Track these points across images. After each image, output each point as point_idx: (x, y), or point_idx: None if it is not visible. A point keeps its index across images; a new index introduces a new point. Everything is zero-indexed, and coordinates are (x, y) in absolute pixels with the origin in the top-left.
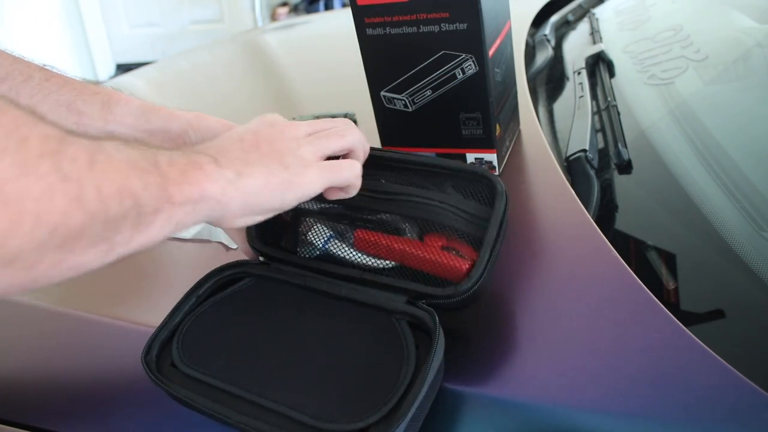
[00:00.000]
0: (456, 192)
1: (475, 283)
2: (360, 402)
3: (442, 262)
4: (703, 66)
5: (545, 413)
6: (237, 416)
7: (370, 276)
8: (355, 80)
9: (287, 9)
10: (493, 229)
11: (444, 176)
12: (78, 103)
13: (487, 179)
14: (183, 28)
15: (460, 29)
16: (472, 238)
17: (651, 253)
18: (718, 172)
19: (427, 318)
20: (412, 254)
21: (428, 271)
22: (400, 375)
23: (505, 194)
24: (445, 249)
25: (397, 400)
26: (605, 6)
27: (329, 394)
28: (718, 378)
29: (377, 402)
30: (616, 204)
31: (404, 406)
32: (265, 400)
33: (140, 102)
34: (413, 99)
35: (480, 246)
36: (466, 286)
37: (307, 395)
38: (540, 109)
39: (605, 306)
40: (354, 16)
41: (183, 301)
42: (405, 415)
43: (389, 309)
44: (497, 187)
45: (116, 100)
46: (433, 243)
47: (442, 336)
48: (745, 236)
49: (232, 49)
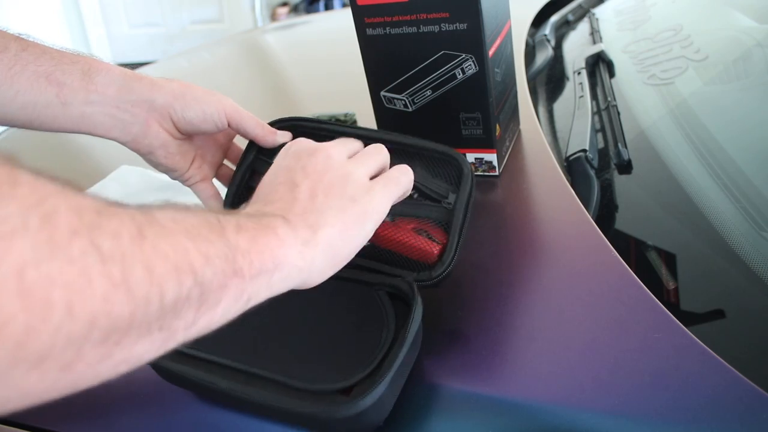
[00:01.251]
0: (425, 171)
1: (447, 266)
2: (343, 365)
3: (414, 246)
4: (703, 66)
5: (545, 413)
6: (224, 382)
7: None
8: (355, 80)
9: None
10: (459, 213)
11: (414, 155)
12: (57, 73)
13: (455, 160)
14: (183, 28)
15: (460, 29)
16: (441, 221)
17: (651, 253)
18: (718, 172)
19: (405, 287)
20: (385, 236)
21: (401, 251)
22: (380, 339)
23: (471, 176)
24: (416, 231)
25: (378, 361)
26: (605, 6)
27: (314, 359)
28: (717, 378)
29: (360, 364)
30: (616, 204)
31: (385, 365)
32: (252, 368)
33: (121, 70)
34: (413, 99)
35: (449, 228)
36: (439, 271)
37: (293, 362)
38: (540, 109)
39: (605, 306)
40: (354, 16)
41: None
42: (386, 373)
43: (368, 281)
44: (464, 169)
45: (96, 69)
46: (404, 225)
47: (420, 301)
48: (745, 236)
49: (232, 49)
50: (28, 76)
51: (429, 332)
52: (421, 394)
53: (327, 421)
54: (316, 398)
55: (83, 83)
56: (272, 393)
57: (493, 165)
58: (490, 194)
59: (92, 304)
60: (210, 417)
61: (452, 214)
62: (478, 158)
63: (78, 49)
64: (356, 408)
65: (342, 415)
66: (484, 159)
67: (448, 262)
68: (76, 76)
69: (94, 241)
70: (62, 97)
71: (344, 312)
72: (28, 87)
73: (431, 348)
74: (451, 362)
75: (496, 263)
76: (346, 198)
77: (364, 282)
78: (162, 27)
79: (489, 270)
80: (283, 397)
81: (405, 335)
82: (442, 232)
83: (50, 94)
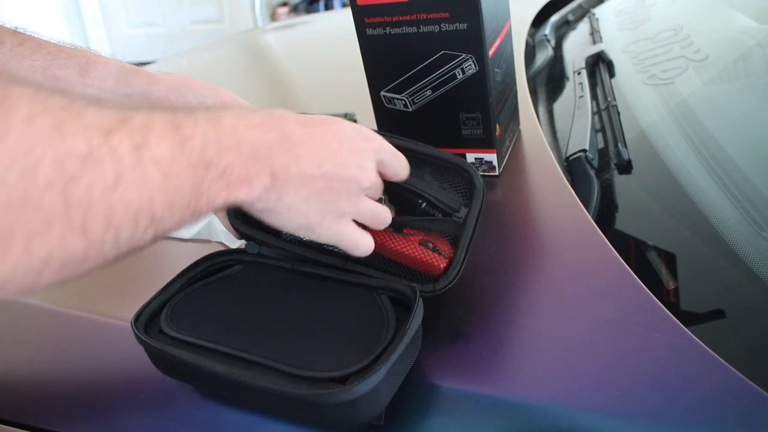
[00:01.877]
0: (434, 180)
1: (451, 280)
2: (342, 356)
3: (421, 259)
4: (703, 66)
5: (545, 413)
6: (221, 366)
7: (351, 266)
8: (355, 80)
9: (287, 9)
10: (469, 228)
11: (424, 163)
12: (53, 68)
13: (467, 172)
14: (183, 28)
15: (460, 29)
16: (449, 234)
17: (651, 253)
18: (718, 172)
19: (408, 292)
20: (391, 248)
21: (406, 263)
22: (380, 337)
23: (483, 190)
24: (422, 244)
25: (377, 354)
26: (605, 6)
27: (313, 350)
28: (717, 378)
29: (358, 357)
30: (616, 204)
31: (383, 357)
32: (251, 355)
33: (118, 63)
34: (413, 99)
35: (456, 242)
36: (442, 284)
37: (292, 352)
38: (540, 109)
39: (605, 306)
40: (354, 16)
41: (175, 280)
42: (383, 364)
43: (371, 285)
44: (476, 182)
45: (93, 63)
46: (411, 237)
47: (421, 303)
48: (745, 236)
49: (232, 49)
50: (24, 71)
51: (429, 332)
52: (420, 394)
53: (321, 406)
54: (312, 383)
55: (80, 77)
56: (269, 378)
57: (493, 165)
58: (490, 194)
59: (48, 244)
60: (210, 415)
61: (462, 228)
62: (478, 158)
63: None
64: (351, 394)
65: (336, 401)
66: (484, 159)
67: (452, 276)
68: (73, 70)
69: (66, 191)
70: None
71: (345, 312)
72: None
73: (431, 348)
74: (451, 362)
75: (496, 263)
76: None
77: (367, 286)
78: (162, 27)
79: (489, 270)
80: (279, 380)
81: (405, 330)
82: (449, 245)
83: None
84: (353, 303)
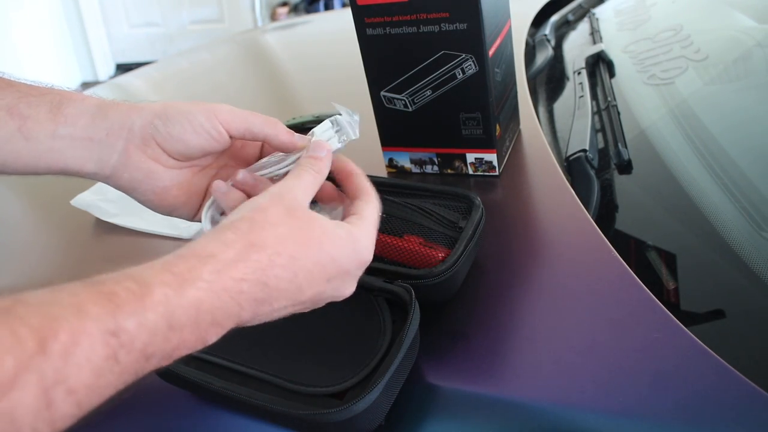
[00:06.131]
0: (436, 205)
1: (449, 267)
2: (338, 370)
3: (420, 252)
4: (703, 66)
5: (545, 413)
6: (220, 382)
7: None
8: (355, 80)
9: (287, 9)
10: (467, 231)
11: (426, 197)
12: (21, 106)
13: (467, 197)
14: (183, 28)
15: (460, 29)
16: (448, 240)
17: (651, 253)
18: (718, 172)
19: (403, 293)
20: (391, 245)
21: (406, 262)
22: (376, 346)
23: (482, 208)
24: (422, 245)
25: (373, 366)
26: (605, 6)
27: (309, 363)
28: (717, 377)
29: (354, 369)
30: (616, 204)
31: (380, 371)
32: (248, 369)
33: (98, 99)
34: (413, 99)
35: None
36: (440, 269)
37: (288, 364)
38: (540, 109)
39: (605, 306)
40: (354, 16)
41: None
42: (380, 379)
43: (367, 287)
44: (474, 201)
45: (69, 100)
46: (412, 238)
47: (417, 308)
48: (745, 236)
49: (232, 49)
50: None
51: (428, 332)
52: (420, 395)
53: (319, 424)
54: (309, 401)
55: (50, 115)
56: (266, 395)
57: (493, 165)
58: (490, 194)
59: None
60: (208, 418)
61: (461, 232)
62: (478, 158)
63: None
64: (348, 413)
65: (333, 420)
66: (484, 159)
67: (451, 263)
68: (43, 108)
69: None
70: (25, 131)
71: (342, 316)
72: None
73: (430, 348)
74: (450, 362)
75: (495, 263)
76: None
77: (363, 287)
78: (162, 27)
79: (489, 270)
80: (276, 398)
81: (401, 342)
82: (448, 250)
83: (11, 128)
84: (349, 306)
